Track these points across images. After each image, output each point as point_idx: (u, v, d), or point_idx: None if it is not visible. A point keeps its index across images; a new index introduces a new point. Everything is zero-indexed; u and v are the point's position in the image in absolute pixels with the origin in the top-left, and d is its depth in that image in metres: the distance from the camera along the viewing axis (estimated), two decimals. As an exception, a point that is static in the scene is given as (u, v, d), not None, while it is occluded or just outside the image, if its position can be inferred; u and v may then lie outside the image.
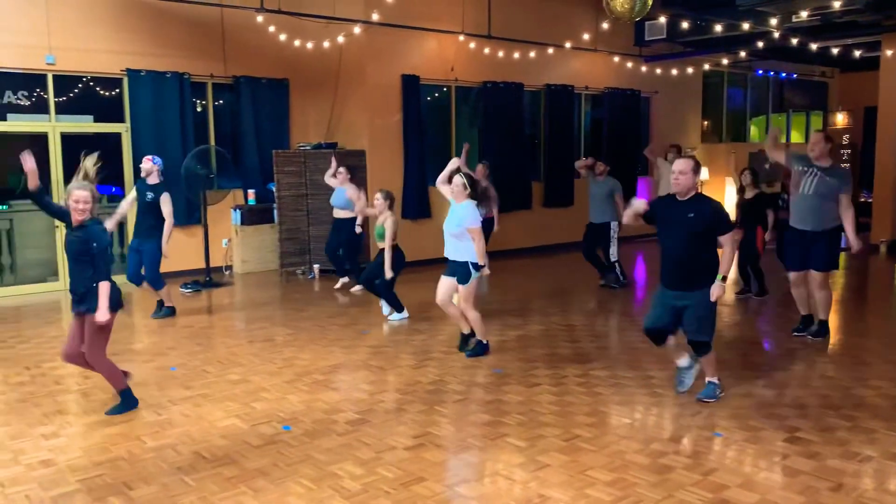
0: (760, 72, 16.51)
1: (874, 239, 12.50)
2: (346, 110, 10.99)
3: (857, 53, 14.09)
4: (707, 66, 15.19)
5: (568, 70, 12.95)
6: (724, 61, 14.88)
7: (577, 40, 12.32)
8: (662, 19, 12.09)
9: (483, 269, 6.10)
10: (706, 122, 15.97)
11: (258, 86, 10.98)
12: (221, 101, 11.05)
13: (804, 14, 10.45)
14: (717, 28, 11.42)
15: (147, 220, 7.70)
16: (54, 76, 9.43)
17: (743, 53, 13.99)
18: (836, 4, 9.82)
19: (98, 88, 9.97)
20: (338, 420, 4.75)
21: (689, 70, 14.59)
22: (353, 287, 9.11)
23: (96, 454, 4.26)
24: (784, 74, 17.05)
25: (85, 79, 9.79)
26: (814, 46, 12.99)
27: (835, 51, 13.91)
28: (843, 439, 4.30)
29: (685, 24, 11.58)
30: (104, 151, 7.92)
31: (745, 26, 11.04)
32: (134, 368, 6.02)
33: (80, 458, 4.21)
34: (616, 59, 13.37)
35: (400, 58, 10.87)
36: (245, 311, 8.41)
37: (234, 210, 10.85)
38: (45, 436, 4.55)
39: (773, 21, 11.11)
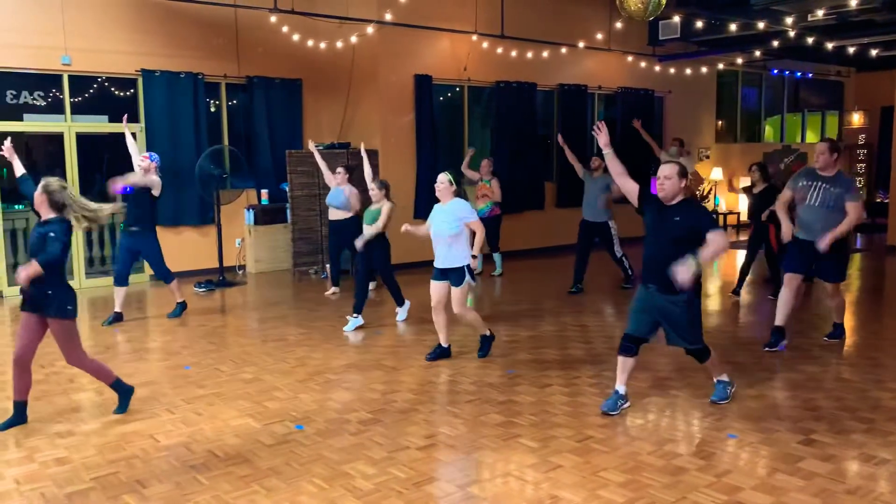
0: (775, 71, 16.39)
1: (890, 240, 12.38)
2: (359, 110, 11.01)
3: (873, 52, 13.97)
4: (721, 66, 15.10)
5: (581, 70, 12.91)
6: (739, 61, 14.78)
7: (591, 40, 12.28)
8: (676, 18, 12.02)
9: (474, 260, 5.90)
10: (720, 122, 15.89)
11: (271, 86, 11.02)
12: (235, 101, 11.11)
13: (820, 13, 10.35)
14: (732, 27, 11.35)
15: (136, 209, 7.55)
16: (70, 76, 9.51)
17: (758, 53, 13.90)
18: (853, 3, 9.73)
19: (113, 89, 10.04)
20: (350, 419, 4.76)
21: (704, 69, 14.51)
22: (331, 290, 9.10)
23: (110, 452, 4.28)
24: (799, 74, 16.93)
25: (100, 79, 9.86)
26: (830, 45, 12.89)
27: (851, 50, 13.80)
28: (859, 442, 4.26)
29: (699, 24, 11.52)
30: (119, 151, 8.03)
31: (760, 25, 10.96)
32: (148, 367, 6.07)
33: (94, 456, 4.24)
34: (630, 58, 13.32)
35: (413, 58, 10.88)
36: (258, 311, 8.44)
37: (248, 210, 10.89)
38: (60, 434, 4.58)
39: (789, 20, 11.02)
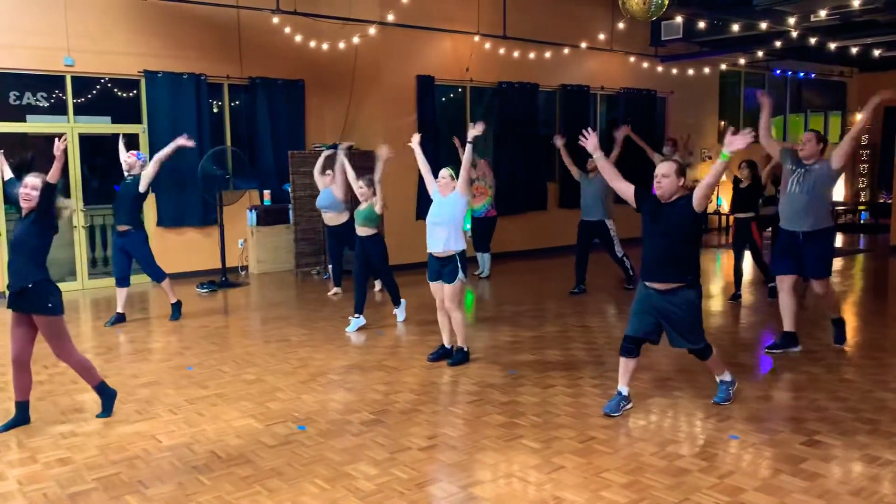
0: (778, 72, 16.37)
1: (893, 240, 12.35)
2: (362, 111, 11.02)
3: (876, 53, 13.96)
4: (724, 66, 15.09)
5: (583, 70, 12.90)
6: (742, 61, 14.77)
7: (593, 40, 12.27)
8: (679, 19, 12.02)
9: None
10: (723, 123, 15.86)
11: (274, 87, 11.03)
12: (237, 102, 11.12)
13: (822, 13, 10.34)
14: (734, 28, 11.34)
15: (123, 206, 7.52)
16: (73, 78, 9.53)
17: (760, 53, 13.89)
18: (855, 3, 9.71)
19: (116, 90, 10.06)
20: (352, 420, 4.75)
21: (706, 70, 14.49)
22: (333, 291, 9.08)
23: (113, 453, 4.28)
24: (802, 74, 16.90)
25: (103, 80, 9.87)
26: (832, 46, 12.87)
27: (854, 50, 13.78)
28: (863, 443, 4.25)
29: (702, 24, 11.50)
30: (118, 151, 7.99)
31: (763, 26, 10.95)
32: (150, 368, 6.07)
33: (96, 456, 4.24)
34: (632, 59, 13.31)
35: (415, 58, 10.88)
36: (260, 312, 8.44)
37: (250, 210, 10.90)
38: (63, 434, 4.59)
39: (791, 20, 11.01)
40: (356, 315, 7.25)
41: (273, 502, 3.66)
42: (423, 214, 10.88)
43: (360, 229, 7.30)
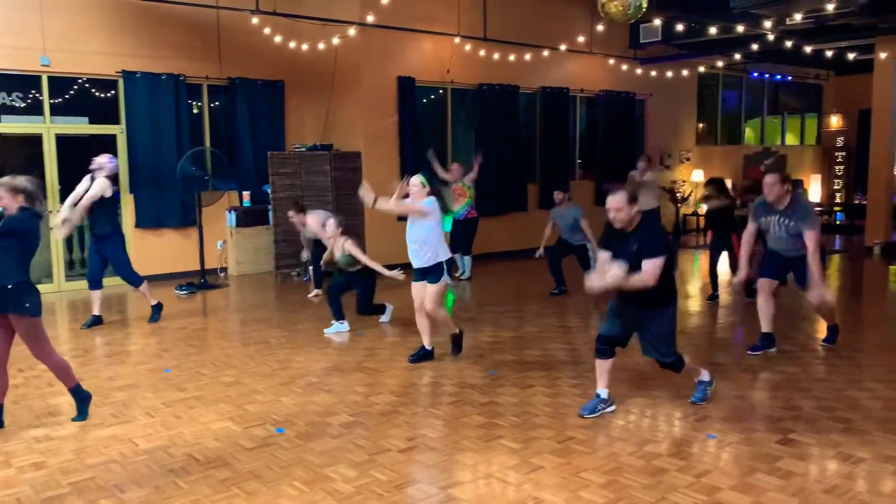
0: (755, 74, 16.56)
1: (868, 241, 12.53)
2: (342, 112, 10.99)
3: (851, 56, 14.15)
4: (702, 69, 15.23)
5: (563, 72, 12.97)
6: (719, 64, 14.92)
7: (573, 42, 12.34)
8: (657, 22, 12.11)
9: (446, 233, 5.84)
10: (701, 125, 16.02)
11: (253, 87, 10.98)
12: (217, 103, 11.05)
13: (798, 16, 10.46)
14: (712, 30, 11.45)
15: (95, 213, 7.38)
16: (49, 78, 9.42)
17: (738, 56, 14.03)
18: (830, 7, 9.84)
19: (93, 90, 9.96)
20: (331, 422, 4.74)
21: (685, 72, 14.62)
22: (313, 293, 9.05)
23: (88, 457, 4.24)
24: (779, 77, 17.10)
25: (80, 80, 9.77)
26: (808, 49, 13.03)
27: (829, 53, 13.97)
28: (837, 441, 4.30)
29: (680, 27, 11.60)
30: (99, 153, 7.91)
31: (740, 29, 11.06)
32: (128, 371, 6.02)
33: (71, 460, 4.19)
34: (611, 61, 13.40)
35: (395, 59, 10.87)
36: (240, 313, 8.39)
37: (229, 212, 10.84)
38: (38, 438, 4.53)
39: (768, 23, 11.13)
40: (340, 322, 7.21)
41: (251, 505, 3.64)
42: (402, 216, 10.87)
43: (347, 268, 7.18)
